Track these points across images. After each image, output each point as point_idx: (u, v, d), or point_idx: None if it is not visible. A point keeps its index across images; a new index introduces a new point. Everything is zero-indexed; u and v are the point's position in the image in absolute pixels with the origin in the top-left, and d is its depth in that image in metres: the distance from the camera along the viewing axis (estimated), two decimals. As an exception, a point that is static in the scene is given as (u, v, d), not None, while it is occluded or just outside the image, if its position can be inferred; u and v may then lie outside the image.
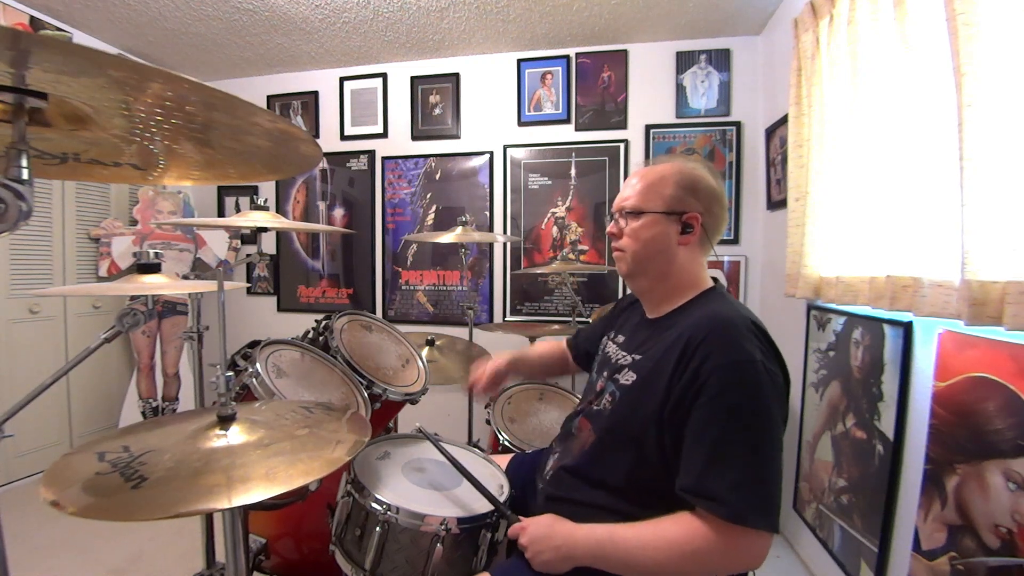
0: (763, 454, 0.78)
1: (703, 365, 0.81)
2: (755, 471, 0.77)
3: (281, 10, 2.55)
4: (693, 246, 0.98)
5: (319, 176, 3.34)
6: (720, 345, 0.82)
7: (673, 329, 0.91)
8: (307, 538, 1.37)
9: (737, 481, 0.76)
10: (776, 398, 0.81)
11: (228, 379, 0.86)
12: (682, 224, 0.96)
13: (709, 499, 0.77)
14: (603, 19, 2.62)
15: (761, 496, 0.76)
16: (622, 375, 0.96)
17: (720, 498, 0.76)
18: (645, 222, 0.97)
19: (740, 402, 0.79)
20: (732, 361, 0.80)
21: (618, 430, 0.92)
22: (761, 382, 0.80)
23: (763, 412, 0.79)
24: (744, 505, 0.75)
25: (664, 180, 0.97)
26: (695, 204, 0.96)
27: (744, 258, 2.77)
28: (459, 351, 2.23)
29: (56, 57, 0.52)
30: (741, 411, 0.79)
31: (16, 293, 2.55)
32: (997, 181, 1.01)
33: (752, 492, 0.76)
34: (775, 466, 0.79)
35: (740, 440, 0.78)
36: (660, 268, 0.98)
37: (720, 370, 0.80)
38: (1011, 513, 1.00)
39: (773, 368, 0.82)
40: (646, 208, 0.97)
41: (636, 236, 0.97)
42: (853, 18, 1.57)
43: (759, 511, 0.76)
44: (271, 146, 0.81)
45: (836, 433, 1.74)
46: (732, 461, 0.77)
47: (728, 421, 0.79)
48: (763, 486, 0.77)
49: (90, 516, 0.66)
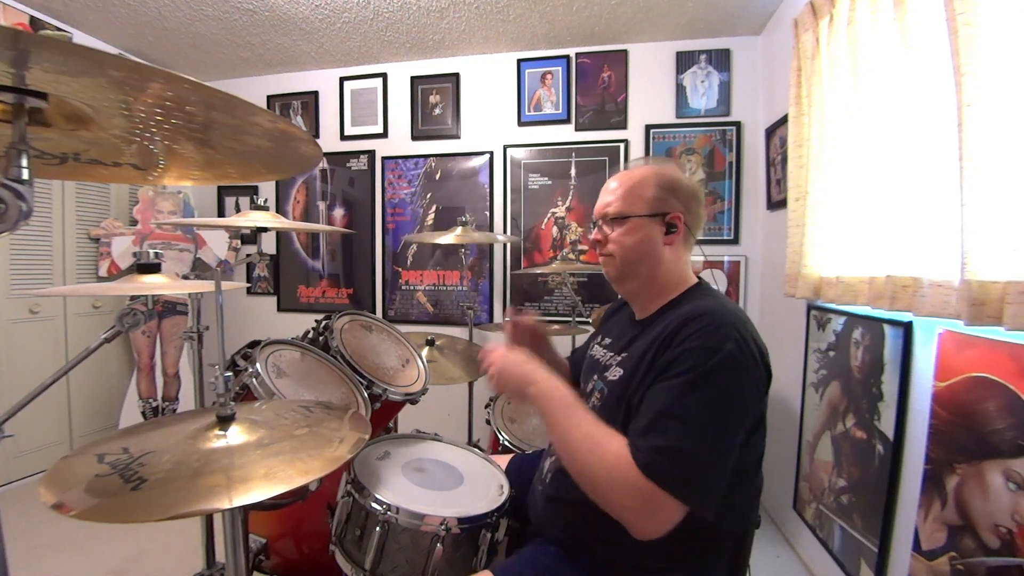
0: (704, 431, 0.77)
1: (679, 347, 0.82)
2: (689, 442, 0.76)
3: (281, 10, 2.55)
4: (677, 245, 0.98)
5: (319, 176, 3.34)
6: (696, 331, 0.83)
7: (659, 324, 0.92)
8: (307, 538, 1.37)
9: (666, 445, 0.76)
10: (740, 390, 0.81)
11: (227, 379, 0.86)
12: (666, 225, 0.97)
13: (636, 449, 0.78)
14: (603, 19, 2.62)
15: (686, 465, 0.76)
16: (610, 372, 0.97)
17: (644, 450, 0.77)
18: (630, 226, 0.97)
19: (697, 379, 0.79)
20: (704, 346, 0.81)
21: (609, 425, 0.92)
22: (724, 367, 0.79)
23: (719, 395, 0.79)
24: (663, 464, 0.75)
25: (644, 183, 0.98)
26: (676, 204, 0.97)
27: (744, 258, 2.78)
28: (459, 351, 2.23)
29: (56, 57, 0.52)
30: (696, 387, 0.79)
31: (16, 293, 2.55)
32: (997, 181, 1.01)
33: (676, 458, 0.75)
34: (717, 448, 0.78)
35: (685, 412, 0.78)
36: (648, 270, 0.98)
37: (690, 351, 0.81)
38: (1011, 513, 1.00)
39: (744, 362, 0.81)
40: (630, 212, 0.97)
41: (622, 241, 0.97)
42: (853, 18, 1.57)
43: (676, 476, 0.75)
44: (271, 146, 0.81)
45: (836, 433, 1.74)
46: (670, 428, 0.77)
47: (681, 393, 0.79)
48: (692, 457, 0.76)
49: (90, 518, 0.65)
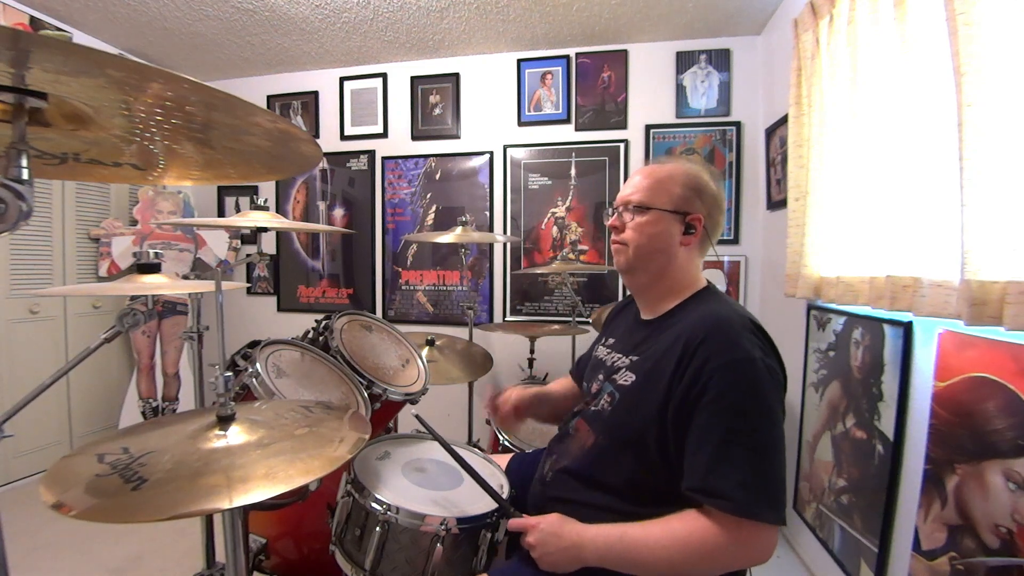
0: (767, 450, 0.79)
1: (704, 366, 0.82)
2: (760, 468, 0.78)
3: (281, 10, 2.54)
4: (693, 247, 0.98)
5: (319, 176, 3.34)
6: (719, 344, 0.83)
7: (671, 330, 0.92)
8: (307, 538, 1.37)
9: (742, 479, 0.77)
10: (776, 394, 0.83)
11: (227, 379, 0.86)
12: (685, 224, 0.96)
13: (717, 497, 0.78)
14: (603, 19, 2.62)
15: (767, 491, 0.77)
16: (620, 376, 0.96)
17: (727, 495, 0.77)
18: (651, 218, 0.96)
19: (742, 401, 0.80)
20: (732, 360, 0.81)
21: (619, 431, 0.92)
22: (761, 379, 0.81)
23: (765, 409, 0.80)
24: (751, 500, 0.76)
25: (672, 179, 0.97)
26: (700, 206, 0.97)
27: (744, 258, 2.78)
28: (459, 351, 2.23)
29: (56, 57, 0.52)
30: (743, 409, 0.80)
31: (16, 293, 2.55)
32: (997, 181, 1.01)
33: (758, 488, 0.77)
34: (779, 461, 0.80)
35: (744, 439, 0.79)
36: (660, 265, 0.98)
37: (721, 370, 0.81)
38: (1011, 513, 1.00)
39: (772, 365, 0.84)
40: (653, 204, 0.97)
41: (640, 230, 0.97)
42: (853, 18, 1.57)
43: (765, 505, 0.77)
44: (271, 146, 0.81)
45: (836, 433, 1.74)
46: (737, 460, 0.78)
47: (732, 420, 0.79)
48: (768, 482, 0.78)
49: (90, 518, 0.65)
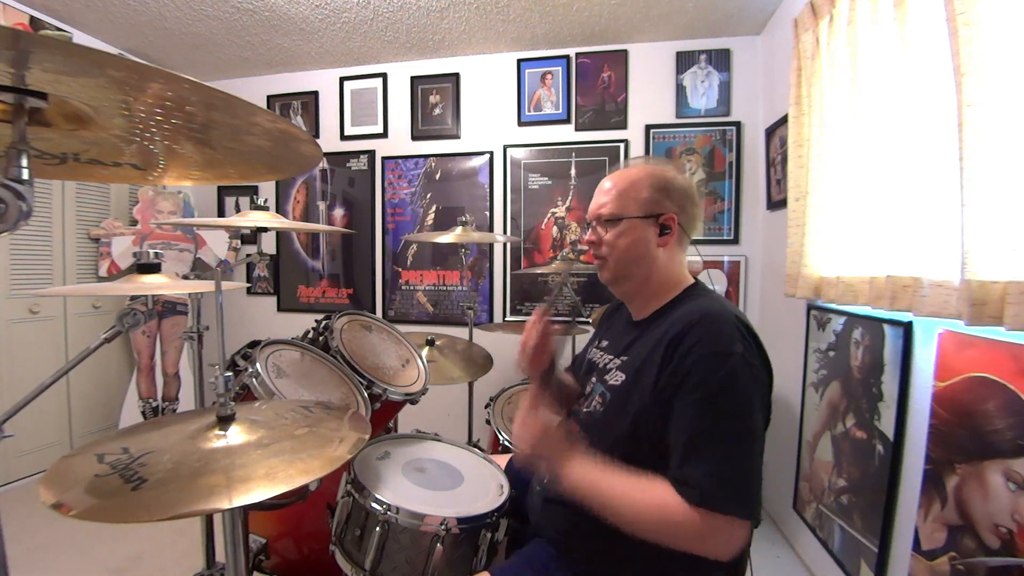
0: (739, 444, 0.79)
1: (687, 355, 0.82)
2: (730, 460, 0.78)
3: (281, 10, 2.54)
4: (672, 246, 0.98)
5: (319, 176, 3.34)
6: (702, 336, 0.83)
7: (658, 327, 0.92)
8: (307, 538, 1.37)
9: (710, 470, 0.77)
10: (755, 390, 0.82)
11: (227, 379, 0.86)
12: (660, 226, 0.97)
13: (685, 485, 0.78)
14: (603, 19, 2.62)
15: (734, 485, 0.77)
16: (611, 376, 0.97)
17: (693, 484, 0.77)
18: (624, 228, 0.97)
19: (717, 392, 0.80)
20: (712, 352, 0.82)
21: (611, 430, 0.92)
22: (739, 373, 0.81)
23: (741, 403, 0.80)
24: (716, 492, 0.76)
25: (638, 184, 0.97)
26: (670, 205, 0.97)
27: (744, 258, 2.77)
28: (459, 351, 2.23)
29: (56, 57, 0.52)
30: (718, 401, 0.80)
31: (16, 293, 2.55)
32: (997, 181, 1.01)
33: (724, 481, 0.77)
34: (752, 456, 0.80)
35: (717, 430, 0.79)
36: (642, 271, 0.98)
37: (701, 360, 0.81)
38: (1011, 513, 1.00)
39: (754, 361, 0.83)
40: (623, 214, 0.97)
41: (616, 243, 0.97)
42: (853, 18, 1.57)
43: (731, 499, 0.77)
44: (271, 146, 0.81)
45: (836, 433, 1.74)
46: (708, 451, 0.78)
47: (705, 411, 0.80)
48: (738, 475, 0.78)
49: (91, 518, 0.65)
